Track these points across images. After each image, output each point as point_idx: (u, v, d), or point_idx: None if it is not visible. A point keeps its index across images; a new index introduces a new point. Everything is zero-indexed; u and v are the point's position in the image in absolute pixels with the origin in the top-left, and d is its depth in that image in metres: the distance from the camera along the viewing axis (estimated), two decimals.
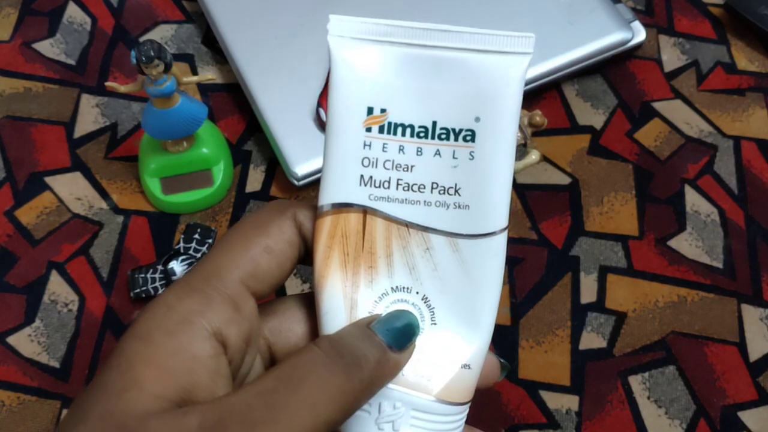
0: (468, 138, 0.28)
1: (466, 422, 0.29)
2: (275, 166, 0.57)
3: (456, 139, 0.28)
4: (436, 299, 0.28)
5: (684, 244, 0.55)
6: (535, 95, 0.60)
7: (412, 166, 0.28)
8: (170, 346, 0.24)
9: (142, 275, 0.52)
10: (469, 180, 0.28)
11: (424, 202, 0.28)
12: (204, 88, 0.61)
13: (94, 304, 0.52)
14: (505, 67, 0.28)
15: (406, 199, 0.28)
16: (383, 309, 0.28)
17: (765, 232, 0.55)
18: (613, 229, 0.55)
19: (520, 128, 0.52)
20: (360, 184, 0.28)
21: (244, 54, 0.59)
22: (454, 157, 0.28)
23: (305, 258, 0.29)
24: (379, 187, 0.28)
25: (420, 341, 0.28)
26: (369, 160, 0.28)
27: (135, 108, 0.60)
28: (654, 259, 0.54)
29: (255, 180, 0.57)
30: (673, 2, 0.65)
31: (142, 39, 0.63)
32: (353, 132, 0.28)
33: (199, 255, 0.53)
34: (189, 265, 0.52)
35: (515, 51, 0.28)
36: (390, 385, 0.27)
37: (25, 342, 0.51)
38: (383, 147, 0.28)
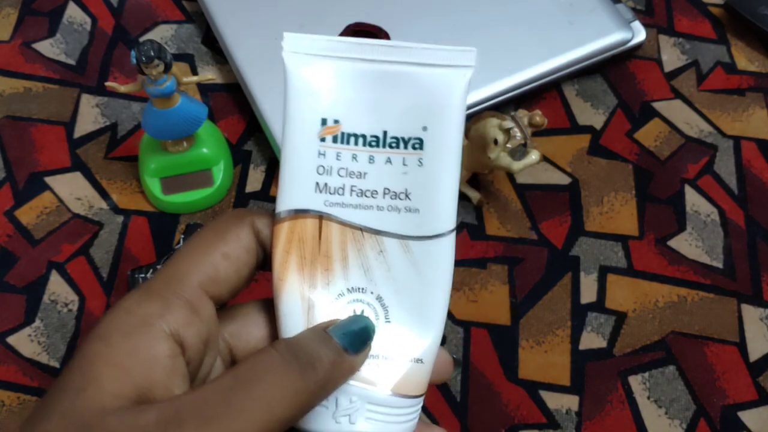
0: (416, 146, 0.30)
1: (420, 421, 0.30)
2: (275, 166, 0.57)
3: (406, 147, 0.30)
4: (390, 298, 0.30)
5: (684, 244, 0.55)
6: (535, 95, 0.60)
7: (364, 173, 0.30)
8: (128, 347, 0.25)
9: (142, 275, 0.52)
10: (419, 185, 0.30)
11: (377, 207, 0.30)
12: (204, 88, 0.61)
13: (94, 304, 0.52)
14: (449, 80, 0.30)
15: (359, 205, 0.30)
16: (340, 309, 0.29)
17: (765, 232, 0.55)
18: (613, 229, 0.55)
19: (520, 128, 0.52)
20: (315, 191, 0.30)
21: (244, 54, 0.59)
22: (404, 164, 0.30)
23: (264, 264, 0.30)
24: (334, 193, 0.30)
25: (375, 338, 0.29)
26: (324, 168, 0.30)
27: (135, 108, 0.60)
28: (654, 259, 0.54)
29: (255, 180, 0.57)
30: (673, 2, 0.65)
31: (142, 39, 0.63)
32: (308, 142, 0.30)
33: None
34: None
35: (458, 64, 0.30)
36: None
37: (25, 342, 0.51)
38: (337, 156, 0.30)
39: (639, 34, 0.61)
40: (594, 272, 0.53)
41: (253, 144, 0.58)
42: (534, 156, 0.52)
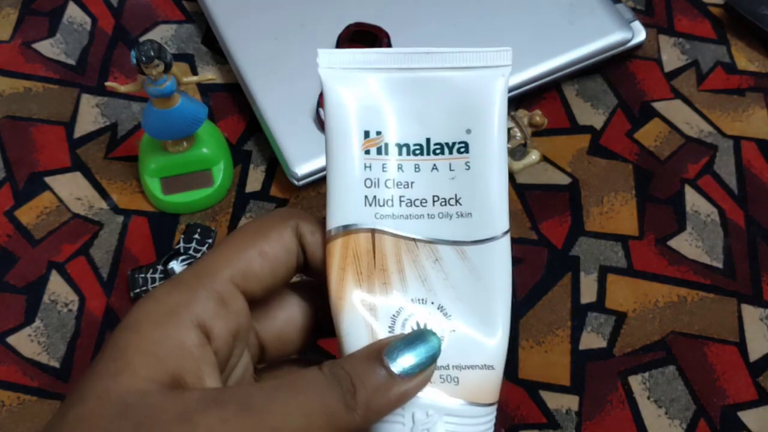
0: (462, 150, 0.30)
1: None
2: (275, 166, 0.57)
3: (451, 152, 0.30)
4: (452, 307, 0.29)
5: (684, 244, 0.55)
6: (535, 95, 0.60)
7: (411, 182, 0.30)
8: (157, 335, 0.26)
9: (142, 275, 0.52)
10: (468, 189, 0.30)
11: (428, 215, 0.30)
12: (204, 88, 0.61)
13: (94, 304, 0.52)
14: (487, 80, 0.30)
15: (410, 215, 0.30)
16: (401, 323, 0.29)
17: (765, 232, 0.55)
18: (613, 229, 0.55)
19: (520, 128, 0.52)
20: (365, 205, 0.29)
21: (244, 54, 0.59)
22: (450, 169, 0.30)
23: (305, 268, 0.30)
24: (384, 205, 0.29)
25: (443, 348, 0.28)
26: (371, 181, 0.30)
27: (135, 108, 0.60)
28: (654, 259, 0.54)
29: (255, 180, 0.57)
30: (673, 2, 0.65)
31: (142, 39, 0.63)
32: (353, 156, 0.29)
33: (199, 255, 0.53)
34: (189, 265, 0.52)
35: (495, 64, 0.30)
36: (419, 394, 0.28)
37: (25, 342, 0.51)
38: (383, 167, 0.30)
39: (639, 34, 0.61)
40: (594, 272, 0.53)
41: (253, 144, 0.58)
42: (534, 156, 0.52)
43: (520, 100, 0.59)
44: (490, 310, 0.29)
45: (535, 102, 0.60)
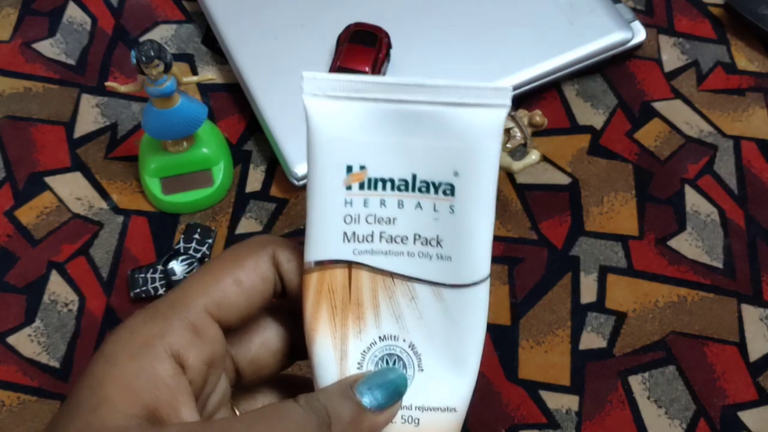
0: (447, 192, 0.28)
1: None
2: (275, 166, 0.57)
3: (436, 192, 0.29)
4: (423, 346, 0.29)
5: (684, 244, 0.55)
6: (535, 95, 0.60)
7: (394, 219, 0.29)
8: (133, 367, 0.26)
9: (142, 275, 0.52)
10: (450, 233, 0.29)
11: (408, 253, 0.29)
12: (204, 88, 0.61)
13: (94, 304, 0.52)
14: (481, 121, 0.28)
15: (389, 251, 0.29)
16: (372, 358, 0.29)
17: (765, 232, 0.55)
18: (613, 229, 0.55)
19: (520, 128, 0.52)
20: (343, 241, 0.29)
21: (244, 54, 0.59)
22: (435, 210, 0.29)
23: (283, 294, 0.30)
24: (363, 241, 0.29)
25: (409, 387, 0.29)
26: (351, 217, 0.29)
27: (135, 108, 0.60)
28: (654, 259, 0.54)
29: (255, 180, 0.57)
30: (673, 2, 0.65)
31: (142, 39, 0.63)
32: (333, 192, 0.29)
33: (198, 255, 0.53)
34: (189, 265, 0.52)
35: (491, 104, 0.28)
36: None
37: (25, 342, 0.51)
38: (365, 203, 0.29)
39: (639, 34, 0.61)
40: (594, 272, 0.53)
41: (253, 144, 0.58)
42: (534, 156, 0.52)
43: (520, 100, 0.59)
44: (461, 353, 0.29)
45: (535, 102, 0.60)
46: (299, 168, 0.54)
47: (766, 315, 0.52)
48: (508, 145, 0.51)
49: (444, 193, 0.28)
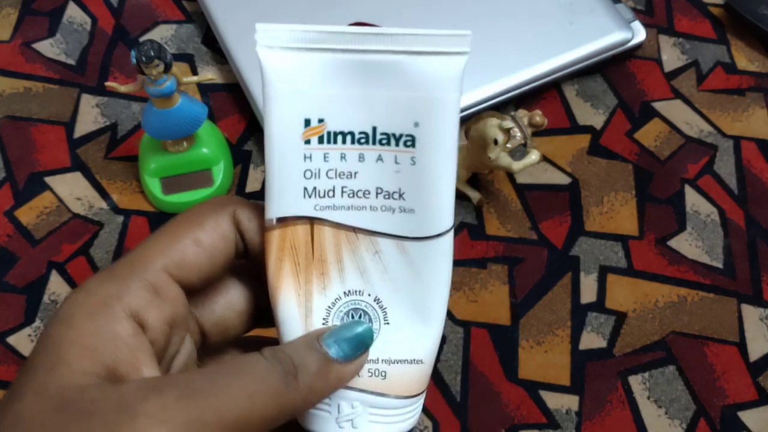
0: (408, 143, 0.28)
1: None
2: None
3: (397, 144, 0.28)
4: (388, 299, 0.29)
5: (684, 244, 0.55)
6: (535, 95, 0.60)
7: (355, 173, 0.28)
8: (91, 327, 0.26)
9: None
10: (412, 185, 0.28)
11: (370, 207, 0.29)
12: (204, 88, 0.61)
13: None
14: (440, 70, 0.27)
15: (352, 206, 0.29)
16: (337, 313, 0.29)
17: (765, 232, 0.55)
18: (613, 229, 0.55)
19: (520, 128, 0.52)
20: (304, 197, 0.28)
21: (244, 54, 0.59)
22: (396, 162, 0.28)
23: (246, 254, 0.30)
24: (324, 196, 0.28)
25: (375, 340, 0.29)
26: (311, 172, 0.28)
27: (135, 108, 0.60)
28: (654, 259, 0.54)
29: (255, 180, 0.57)
30: (673, 2, 0.65)
31: (142, 39, 0.63)
32: (292, 147, 0.28)
33: None
34: None
35: (451, 51, 0.27)
36: (347, 385, 0.28)
37: (25, 342, 0.51)
38: (324, 157, 0.28)
39: (639, 34, 0.61)
40: (594, 272, 0.53)
41: (253, 144, 0.58)
42: (534, 156, 0.52)
43: (520, 100, 0.59)
44: (426, 305, 0.29)
45: (535, 102, 0.60)
46: None
47: (766, 315, 0.52)
48: (508, 145, 0.51)
49: (405, 144, 0.28)
